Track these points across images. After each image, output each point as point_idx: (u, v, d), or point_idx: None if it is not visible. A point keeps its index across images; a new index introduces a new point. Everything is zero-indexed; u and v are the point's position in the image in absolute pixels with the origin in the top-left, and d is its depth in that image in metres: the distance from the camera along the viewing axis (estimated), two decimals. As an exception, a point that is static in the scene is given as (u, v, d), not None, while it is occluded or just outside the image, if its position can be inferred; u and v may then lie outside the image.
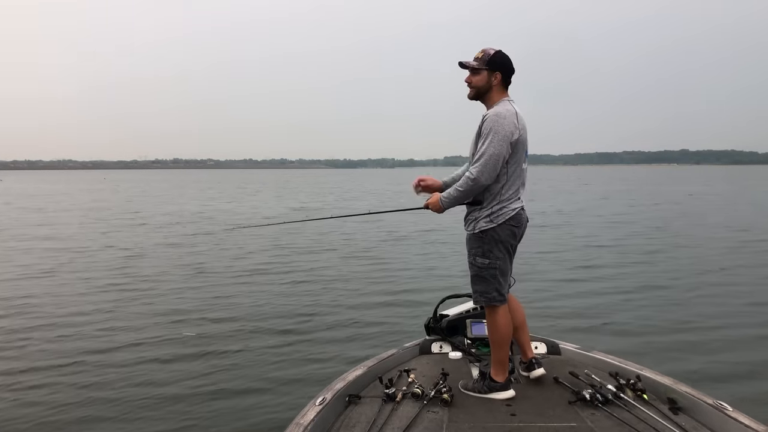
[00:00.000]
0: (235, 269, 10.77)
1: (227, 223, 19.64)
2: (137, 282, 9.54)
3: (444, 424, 2.66)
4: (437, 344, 3.76)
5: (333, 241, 14.90)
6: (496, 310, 3.01)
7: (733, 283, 9.20)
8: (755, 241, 13.99)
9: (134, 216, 22.98)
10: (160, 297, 8.48)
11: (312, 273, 10.30)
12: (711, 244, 13.59)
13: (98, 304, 8.03)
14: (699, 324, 6.80)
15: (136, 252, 13.00)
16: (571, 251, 12.66)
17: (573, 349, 3.65)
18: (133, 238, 15.53)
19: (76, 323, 7.03)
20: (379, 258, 11.88)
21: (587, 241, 14.31)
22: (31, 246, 14.21)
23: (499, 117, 2.86)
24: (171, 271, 10.63)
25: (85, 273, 10.45)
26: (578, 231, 16.67)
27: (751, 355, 5.72)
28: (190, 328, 6.79)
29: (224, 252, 13.04)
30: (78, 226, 19.28)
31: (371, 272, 10.16)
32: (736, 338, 6.25)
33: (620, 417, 2.64)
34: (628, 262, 11.13)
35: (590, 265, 10.86)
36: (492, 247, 2.97)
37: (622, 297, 8.25)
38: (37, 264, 11.45)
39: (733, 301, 7.89)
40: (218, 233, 16.31)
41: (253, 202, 32.72)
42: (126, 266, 11.11)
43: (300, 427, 2.52)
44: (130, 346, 6.17)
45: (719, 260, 11.23)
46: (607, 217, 21.35)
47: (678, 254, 12.13)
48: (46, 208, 28.45)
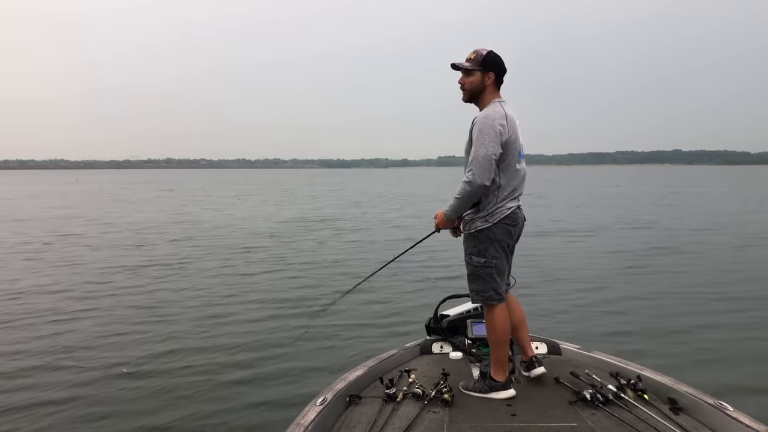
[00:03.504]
0: (236, 270, 10.75)
1: (230, 248, 13.74)
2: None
3: (444, 424, 2.65)
4: (438, 344, 3.76)
5: (333, 241, 14.90)
6: (494, 309, 3.02)
7: (738, 282, 9.24)
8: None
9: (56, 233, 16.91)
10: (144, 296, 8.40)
11: (312, 273, 10.29)
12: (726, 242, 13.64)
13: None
14: (699, 324, 6.82)
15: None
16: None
17: (573, 349, 3.65)
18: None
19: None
20: (379, 257, 11.83)
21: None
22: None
23: (487, 119, 2.89)
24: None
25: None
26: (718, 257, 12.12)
27: (752, 355, 5.75)
28: (189, 326, 6.79)
29: (222, 252, 13.01)
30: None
31: (370, 272, 9.94)
32: (737, 338, 6.28)
33: (621, 417, 2.64)
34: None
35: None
36: (488, 246, 2.98)
37: (622, 297, 8.27)
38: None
39: (733, 301, 7.92)
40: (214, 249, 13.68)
41: (255, 209, 26.98)
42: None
43: (300, 428, 2.51)
44: (131, 347, 6.14)
45: (727, 261, 11.27)
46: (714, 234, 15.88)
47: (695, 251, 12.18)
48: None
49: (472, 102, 3.07)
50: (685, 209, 24.57)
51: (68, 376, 5.29)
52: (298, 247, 13.84)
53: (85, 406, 4.67)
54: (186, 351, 6.01)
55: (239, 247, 13.78)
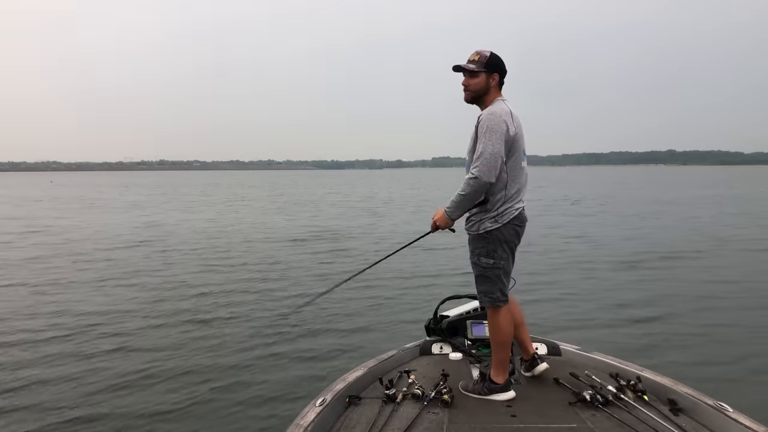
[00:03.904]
0: (235, 270, 10.74)
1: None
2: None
3: (444, 425, 2.65)
4: (437, 345, 3.75)
5: (332, 242, 14.89)
6: (499, 311, 3.01)
7: (736, 282, 9.30)
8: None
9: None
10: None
11: (311, 274, 10.28)
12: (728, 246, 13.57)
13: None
14: (699, 324, 6.86)
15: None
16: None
17: (573, 350, 3.65)
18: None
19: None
20: (379, 258, 11.65)
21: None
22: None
23: (494, 116, 2.87)
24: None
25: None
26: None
27: (751, 355, 5.78)
28: (190, 324, 6.78)
29: (218, 251, 12.95)
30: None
31: (371, 273, 9.92)
32: (737, 339, 6.31)
33: (620, 418, 2.64)
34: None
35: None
36: (496, 247, 2.97)
37: (623, 297, 8.30)
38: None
39: (733, 302, 7.97)
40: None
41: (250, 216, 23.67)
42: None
43: (300, 428, 2.50)
44: (129, 347, 6.11)
45: (728, 264, 11.27)
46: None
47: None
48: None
49: (474, 103, 3.07)
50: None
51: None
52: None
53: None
54: (186, 351, 6.00)
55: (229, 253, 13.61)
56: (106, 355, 5.93)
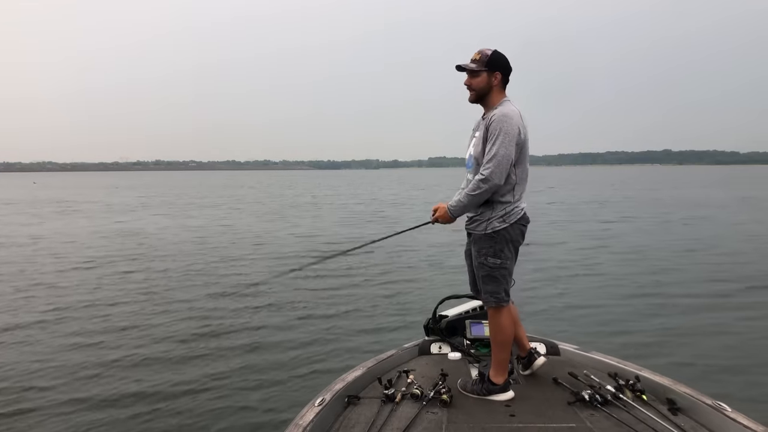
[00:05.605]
0: (237, 270, 10.75)
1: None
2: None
3: (443, 424, 2.65)
4: (436, 345, 3.75)
5: (331, 243, 14.88)
6: (502, 311, 3.01)
7: (736, 281, 9.32)
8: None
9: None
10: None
11: (310, 274, 10.28)
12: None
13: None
14: (698, 324, 6.88)
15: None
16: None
17: (572, 349, 3.65)
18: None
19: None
20: (378, 258, 11.83)
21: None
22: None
23: (507, 117, 2.85)
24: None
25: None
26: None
27: (750, 355, 5.79)
28: (190, 324, 6.75)
29: (220, 252, 12.91)
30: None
31: (370, 273, 10.13)
32: (736, 339, 6.33)
33: (619, 417, 2.65)
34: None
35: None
36: (503, 247, 2.97)
37: (622, 297, 8.33)
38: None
39: (733, 302, 7.99)
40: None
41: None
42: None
43: (299, 428, 2.50)
44: (128, 347, 6.10)
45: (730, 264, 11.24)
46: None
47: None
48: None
49: (479, 102, 3.05)
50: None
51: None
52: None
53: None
54: (185, 352, 6.01)
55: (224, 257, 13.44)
56: (107, 359, 5.92)
